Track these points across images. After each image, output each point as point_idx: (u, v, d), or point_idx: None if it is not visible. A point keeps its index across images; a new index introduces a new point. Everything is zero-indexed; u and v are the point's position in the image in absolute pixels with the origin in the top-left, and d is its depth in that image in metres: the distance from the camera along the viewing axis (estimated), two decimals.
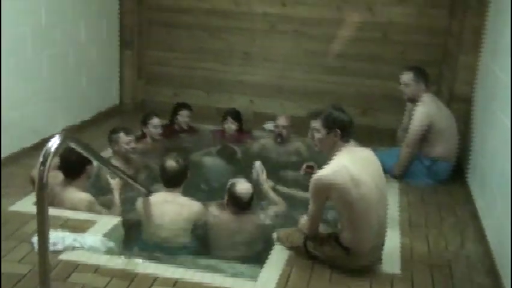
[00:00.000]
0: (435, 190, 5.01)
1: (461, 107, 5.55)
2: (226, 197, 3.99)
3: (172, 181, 4.03)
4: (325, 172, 3.33)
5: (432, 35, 6.37)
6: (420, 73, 5.18)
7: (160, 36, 7.13)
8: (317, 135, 3.45)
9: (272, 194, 4.36)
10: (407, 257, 3.74)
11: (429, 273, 3.56)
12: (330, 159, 3.40)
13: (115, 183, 4.20)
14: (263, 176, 4.42)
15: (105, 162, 3.43)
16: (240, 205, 3.95)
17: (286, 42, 6.81)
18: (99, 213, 4.03)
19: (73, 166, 4.03)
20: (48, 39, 5.49)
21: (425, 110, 5.08)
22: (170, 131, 5.92)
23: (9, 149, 4.98)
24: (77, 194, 4.04)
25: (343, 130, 3.39)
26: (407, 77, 5.18)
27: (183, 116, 5.98)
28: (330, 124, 3.39)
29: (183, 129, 5.95)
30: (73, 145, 2.99)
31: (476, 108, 5.24)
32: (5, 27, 4.79)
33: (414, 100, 5.20)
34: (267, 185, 4.40)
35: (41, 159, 2.61)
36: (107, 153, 5.26)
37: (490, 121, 4.53)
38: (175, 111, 6.03)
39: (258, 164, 4.56)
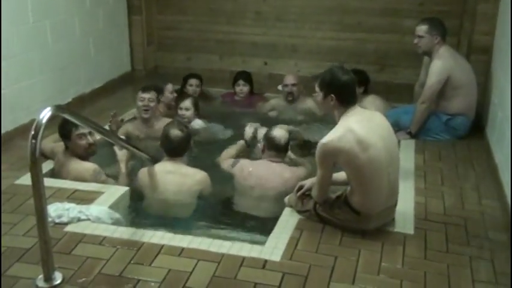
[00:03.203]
0: (453, 145, 4.87)
1: (481, 58, 5.37)
2: (263, 144, 4.12)
3: (176, 150, 3.95)
4: (330, 137, 3.22)
5: None
6: (436, 25, 4.95)
7: None
8: (317, 99, 3.40)
9: (296, 158, 4.32)
10: (421, 216, 3.63)
11: (444, 232, 3.45)
12: (337, 122, 3.30)
13: (121, 154, 4.15)
14: None
15: (104, 132, 3.35)
16: (278, 148, 4.04)
17: None
18: (105, 182, 3.99)
19: (63, 137, 4.05)
20: (51, 6, 5.39)
21: (442, 64, 4.89)
22: (182, 98, 5.85)
23: (18, 120, 4.94)
24: (82, 164, 4.01)
25: (340, 94, 3.24)
26: (421, 29, 4.97)
27: (192, 85, 5.93)
28: (325, 88, 3.28)
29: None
30: (66, 116, 2.94)
31: (496, 59, 5.04)
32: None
33: (429, 53, 5.01)
34: (290, 151, 4.32)
35: (32, 132, 2.57)
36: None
37: (508, 71, 4.34)
38: (185, 81, 6.00)
39: None
